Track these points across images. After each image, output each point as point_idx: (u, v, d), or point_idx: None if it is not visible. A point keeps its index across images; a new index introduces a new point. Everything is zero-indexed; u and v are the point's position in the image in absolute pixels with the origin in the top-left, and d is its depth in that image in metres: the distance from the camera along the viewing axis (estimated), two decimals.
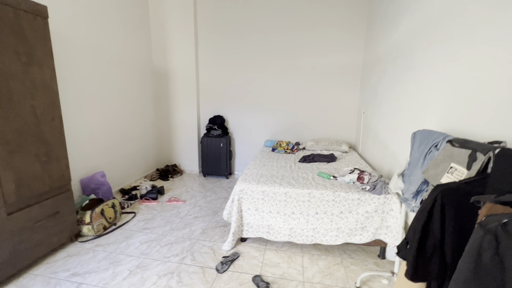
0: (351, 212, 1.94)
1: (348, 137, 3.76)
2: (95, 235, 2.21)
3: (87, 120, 2.65)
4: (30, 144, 1.72)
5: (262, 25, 3.64)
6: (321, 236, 1.99)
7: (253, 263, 1.94)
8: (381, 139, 2.62)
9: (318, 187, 2.04)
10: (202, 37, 3.81)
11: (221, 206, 2.89)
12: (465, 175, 0.91)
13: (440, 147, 1.12)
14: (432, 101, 1.67)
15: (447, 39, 1.53)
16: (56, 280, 1.70)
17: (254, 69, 3.78)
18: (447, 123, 1.48)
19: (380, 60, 2.77)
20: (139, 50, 3.51)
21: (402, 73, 2.17)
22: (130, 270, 1.82)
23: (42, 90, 1.79)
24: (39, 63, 1.76)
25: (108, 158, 2.99)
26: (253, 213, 2.09)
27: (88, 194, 2.59)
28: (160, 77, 3.89)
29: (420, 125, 1.77)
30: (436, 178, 1.04)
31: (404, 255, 0.89)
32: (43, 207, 1.83)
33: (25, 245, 1.71)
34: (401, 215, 1.70)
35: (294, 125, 3.86)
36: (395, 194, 1.89)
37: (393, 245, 1.87)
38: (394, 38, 2.38)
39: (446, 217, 0.81)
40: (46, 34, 1.82)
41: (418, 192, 1.24)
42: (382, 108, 2.62)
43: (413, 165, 1.30)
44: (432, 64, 1.69)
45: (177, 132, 4.03)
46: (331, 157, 2.94)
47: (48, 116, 1.85)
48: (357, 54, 3.50)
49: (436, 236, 0.81)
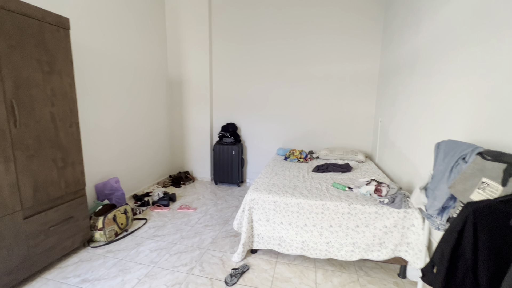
0: (368, 226, 1.82)
1: (364, 146, 3.63)
2: (107, 241, 2.22)
3: (103, 127, 2.73)
4: (48, 149, 1.77)
5: (274, 35, 3.64)
6: (336, 251, 1.88)
7: (263, 276, 1.86)
8: (399, 149, 2.49)
9: (332, 198, 1.95)
10: (216, 46, 3.87)
11: (232, 215, 2.84)
12: (499, 191, 0.81)
13: (469, 160, 1.02)
14: (457, 110, 1.56)
15: (473, 45, 1.44)
16: (66, 286, 1.71)
17: (267, 77, 3.77)
18: (473, 134, 1.37)
19: (398, 67, 2.67)
20: (155, 59, 3.61)
21: (422, 81, 2.06)
22: (139, 278, 1.80)
23: (61, 98, 1.85)
24: (60, 72, 1.84)
25: (122, 164, 3.05)
26: (264, 223, 2.02)
27: (102, 199, 2.64)
28: (174, 86, 3.97)
29: (442, 135, 1.66)
30: (465, 194, 0.94)
31: (431, 280, 0.80)
32: (58, 212, 1.87)
33: (39, 249, 1.74)
34: (424, 231, 1.58)
35: (307, 133, 3.78)
36: (416, 209, 1.76)
37: (414, 264, 1.73)
38: (413, 44, 2.29)
39: (479, 239, 0.72)
40: (68, 44, 1.89)
41: (444, 209, 1.13)
42: (400, 117, 2.51)
43: (437, 179, 1.20)
44: (456, 71, 1.59)
45: (190, 139, 4.06)
46: (346, 167, 2.83)
47: (66, 122, 1.91)
48: (372, 61, 3.41)
49: (468, 261, 0.72)
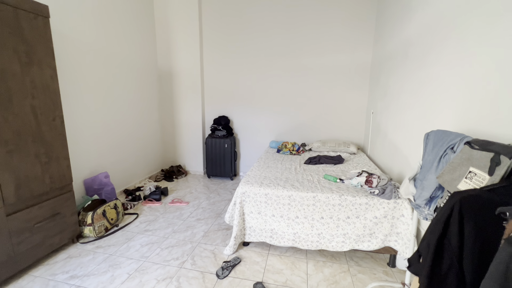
0: (358, 217, 1.83)
1: (356, 138, 3.63)
2: (96, 237, 2.18)
3: (90, 120, 2.65)
4: (30, 144, 1.71)
5: (267, 25, 3.56)
6: (327, 242, 1.89)
7: (255, 268, 1.86)
8: (391, 140, 2.49)
9: (323, 190, 1.94)
10: (207, 38, 3.77)
11: (224, 208, 2.83)
12: (486, 181, 0.81)
13: (457, 150, 1.01)
14: (447, 100, 1.55)
15: (463, 35, 1.42)
16: (54, 283, 1.68)
17: (259, 69, 3.71)
18: (463, 123, 1.36)
19: (390, 58, 2.64)
20: (144, 50, 3.50)
21: (414, 71, 2.05)
22: (129, 273, 1.78)
23: (42, 90, 1.77)
24: (40, 63, 1.75)
25: (112, 158, 2.98)
26: (255, 216, 2.01)
27: (91, 194, 2.58)
28: (164, 78, 3.87)
29: (433, 125, 1.66)
30: (453, 184, 0.94)
31: (417, 270, 0.80)
32: (43, 208, 1.82)
33: (24, 246, 1.70)
34: (413, 221, 1.59)
35: (300, 125, 3.76)
36: (406, 199, 1.77)
37: (403, 253, 1.75)
38: (405, 34, 2.26)
39: (465, 229, 0.72)
40: (47, 33, 1.80)
41: (431, 199, 1.13)
42: (392, 108, 2.50)
43: (426, 169, 1.20)
44: (447, 61, 1.58)
45: (181, 133, 4.00)
46: (338, 158, 2.83)
47: (49, 116, 1.84)
48: (365, 52, 3.37)
49: (454, 251, 0.72)
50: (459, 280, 0.73)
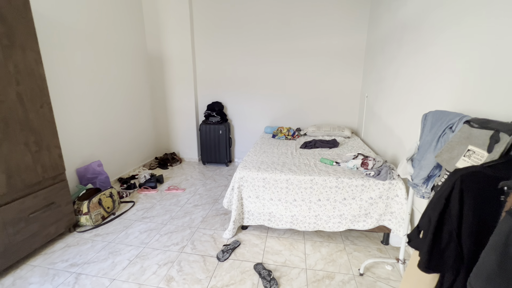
0: (354, 199, 1.88)
1: (350, 122, 3.66)
2: (94, 225, 2.17)
3: (79, 107, 2.55)
4: (18, 133, 1.64)
5: (260, 7, 3.44)
6: (324, 223, 1.95)
7: (254, 251, 1.90)
8: (385, 123, 2.52)
9: (320, 173, 1.97)
10: (198, 20, 3.62)
11: (221, 194, 2.85)
12: (485, 158, 0.83)
13: (456, 129, 1.03)
14: (443, 81, 1.56)
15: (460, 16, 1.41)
16: (54, 271, 1.67)
17: (253, 53, 3.62)
18: (460, 104, 1.38)
19: (385, 40, 2.62)
20: (132, 34, 3.34)
21: (409, 52, 2.04)
22: (130, 259, 1.79)
23: (27, 76, 1.68)
24: (22, 46, 1.64)
25: (104, 147, 2.91)
26: (253, 200, 2.03)
27: (85, 183, 2.54)
28: (155, 63, 3.73)
29: (428, 107, 1.67)
30: (451, 162, 0.96)
31: (417, 244, 0.83)
32: (37, 198, 1.78)
33: (20, 236, 1.67)
34: (408, 201, 1.64)
35: (295, 110, 3.75)
36: (400, 180, 1.82)
37: (397, 231, 1.82)
38: (401, 16, 2.23)
39: (465, 204, 0.74)
40: (28, 15, 1.68)
41: (429, 178, 1.16)
42: (387, 91, 2.51)
43: (424, 149, 1.22)
44: (444, 42, 1.57)
45: (175, 119, 3.92)
46: (333, 142, 2.85)
47: (36, 103, 1.75)
48: (360, 35, 3.33)
49: (453, 225, 0.75)
50: (457, 253, 0.77)
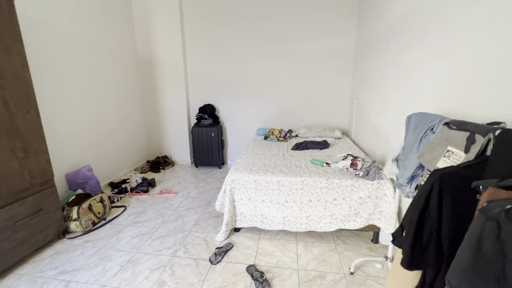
0: (344, 199, 1.92)
1: (341, 123, 3.72)
2: (84, 231, 2.14)
3: (68, 112, 2.51)
4: (4, 139, 1.60)
5: (251, 10, 3.47)
6: (315, 224, 1.97)
7: (247, 252, 1.91)
8: (374, 124, 2.58)
9: (311, 174, 2.00)
10: (189, 22, 3.62)
11: (214, 197, 2.85)
12: (462, 158, 0.87)
13: (437, 130, 1.07)
14: (427, 83, 1.61)
15: (441, 19, 1.46)
16: (43, 279, 1.64)
17: (244, 56, 3.64)
18: (443, 106, 1.43)
19: (372, 42, 2.68)
20: (121, 37, 3.31)
21: (395, 55, 2.10)
22: (121, 265, 1.78)
23: (12, 80, 1.65)
24: (7, 50, 1.62)
25: (94, 151, 2.87)
26: (246, 203, 2.05)
27: (75, 189, 2.50)
28: (145, 66, 3.71)
29: (414, 108, 1.73)
30: (432, 163, 1.00)
31: (400, 243, 0.86)
32: (25, 205, 1.74)
33: (7, 244, 1.63)
34: (395, 200, 1.69)
35: (286, 112, 3.79)
36: (388, 179, 1.87)
37: (386, 230, 1.87)
38: (387, 18, 2.29)
39: (444, 202, 0.78)
40: (13, 18, 1.65)
41: (413, 177, 1.20)
42: (375, 92, 2.57)
43: (408, 150, 1.26)
44: (427, 45, 1.63)
45: (166, 122, 3.90)
46: (324, 143, 2.90)
47: (23, 108, 1.73)
48: (349, 38, 3.40)
49: (433, 223, 0.78)
50: (438, 250, 0.80)
